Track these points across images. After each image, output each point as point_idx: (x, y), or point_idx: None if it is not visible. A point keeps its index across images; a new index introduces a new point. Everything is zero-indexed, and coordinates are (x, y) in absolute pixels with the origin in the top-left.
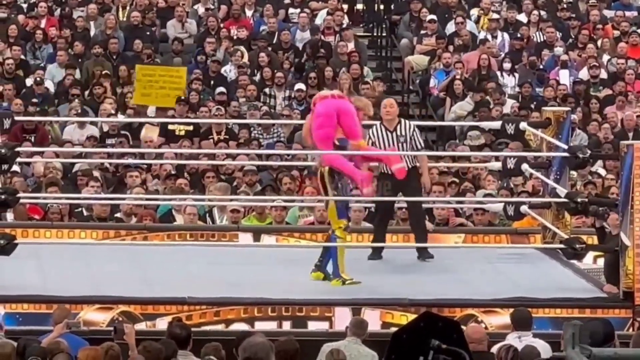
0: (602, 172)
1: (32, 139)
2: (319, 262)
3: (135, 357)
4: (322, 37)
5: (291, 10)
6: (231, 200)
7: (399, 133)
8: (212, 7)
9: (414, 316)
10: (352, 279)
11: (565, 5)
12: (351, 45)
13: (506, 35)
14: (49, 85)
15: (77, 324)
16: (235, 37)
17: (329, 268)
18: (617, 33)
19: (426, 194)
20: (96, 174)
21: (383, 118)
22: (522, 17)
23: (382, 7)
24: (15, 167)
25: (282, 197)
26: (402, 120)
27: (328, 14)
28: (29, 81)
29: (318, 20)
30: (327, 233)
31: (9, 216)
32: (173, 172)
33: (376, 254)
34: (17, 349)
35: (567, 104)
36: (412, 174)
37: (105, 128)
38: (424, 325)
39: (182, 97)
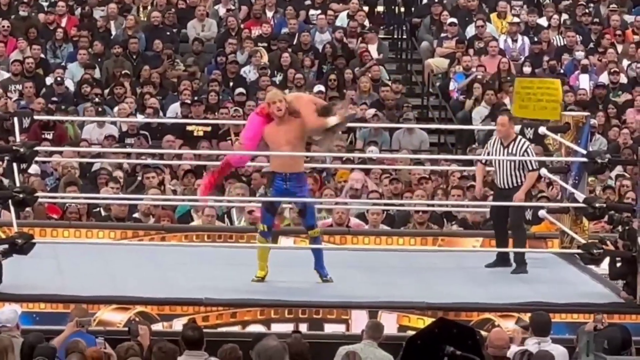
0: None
1: (50, 137)
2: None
3: None
4: (343, 39)
5: (312, 11)
6: (250, 201)
7: (510, 150)
8: (233, 7)
9: (430, 320)
10: (261, 277)
11: (586, 10)
12: (373, 47)
13: (526, 39)
14: (69, 84)
15: (88, 321)
16: (255, 36)
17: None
18: (637, 38)
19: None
20: (117, 173)
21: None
22: (543, 21)
23: (402, 9)
24: (34, 166)
25: (300, 199)
26: (519, 138)
27: (348, 16)
28: (48, 80)
29: (338, 22)
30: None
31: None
32: (190, 169)
33: (501, 261)
34: (23, 347)
35: (584, 109)
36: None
37: (125, 128)
38: (438, 331)
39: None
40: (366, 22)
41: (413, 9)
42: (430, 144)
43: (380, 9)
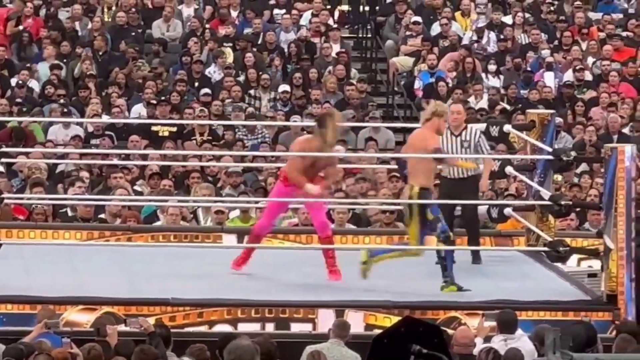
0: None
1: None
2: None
3: None
4: (307, 38)
5: (276, 11)
6: (215, 201)
7: (463, 138)
8: (197, 7)
9: (397, 318)
10: None
11: (551, 8)
12: (337, 47)
13: (492, 36)
14: (34, 85)
15: (56, 323)
16: (221, 36)
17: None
18: (602, 35)
19: (481, 193)
20: (83, 174)
21: (450, 123)
22: (508, 19)
23: (367, 8)
24: (0, 168)
25: (266, 199)
26: (469, 126)
27: (313, 15)
28: (13, 81)
29: (302, 22)
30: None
31: None
32: (157, 171)
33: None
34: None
35: (549, 107)
36: (471, 181)
37: (90, 129)
38: (404, 329)
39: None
40: (330, 21)
41: (377, 7)
42: (395, 142)
43: (344, 7)
